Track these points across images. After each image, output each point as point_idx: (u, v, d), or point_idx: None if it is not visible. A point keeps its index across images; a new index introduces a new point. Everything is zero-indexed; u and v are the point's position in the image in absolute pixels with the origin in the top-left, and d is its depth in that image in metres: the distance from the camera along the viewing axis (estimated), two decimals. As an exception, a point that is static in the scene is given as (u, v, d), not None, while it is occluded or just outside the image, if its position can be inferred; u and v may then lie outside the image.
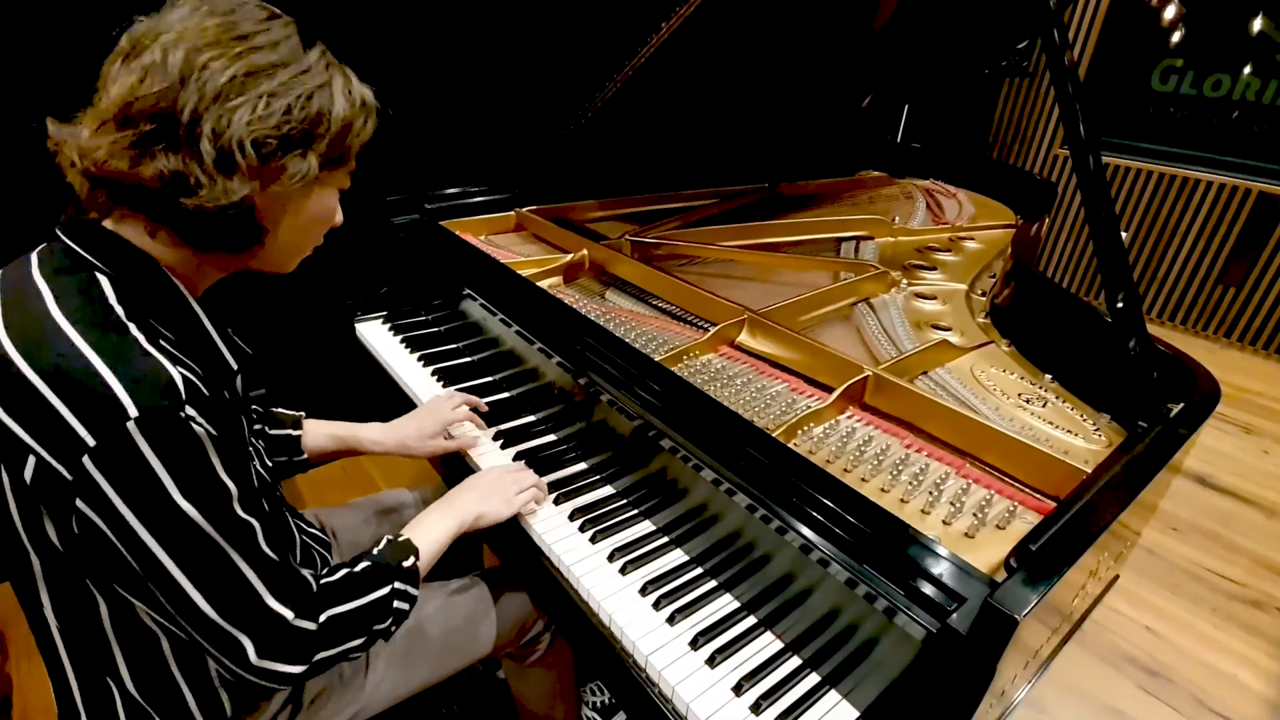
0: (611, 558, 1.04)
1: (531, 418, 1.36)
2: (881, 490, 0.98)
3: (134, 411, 0.63)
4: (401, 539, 0.93)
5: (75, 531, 0.67)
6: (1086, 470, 0.93)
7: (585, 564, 1.03)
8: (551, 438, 1.31)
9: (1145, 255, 3.54)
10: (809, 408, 1.11)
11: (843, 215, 2.02)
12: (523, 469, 1.15)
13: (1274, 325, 3.23)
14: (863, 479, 1.00)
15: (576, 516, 1.11)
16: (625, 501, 1.15)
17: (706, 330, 1.32)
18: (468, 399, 1.30)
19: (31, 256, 0.74)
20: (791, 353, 1.26)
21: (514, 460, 1.24)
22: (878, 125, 3.06)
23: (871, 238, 1.88)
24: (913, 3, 1.74)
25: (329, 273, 1.01)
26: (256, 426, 1.06)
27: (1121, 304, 1.06)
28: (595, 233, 1.72)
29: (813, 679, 0.88)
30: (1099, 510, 0.84)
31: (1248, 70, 3.11)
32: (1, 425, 0.65)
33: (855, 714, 0.85)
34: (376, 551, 0.90)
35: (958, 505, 0.94)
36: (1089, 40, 3.44)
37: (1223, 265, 3.32)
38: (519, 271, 1.46)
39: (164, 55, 0.65)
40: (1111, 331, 1.08)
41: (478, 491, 1.06)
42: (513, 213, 1.85)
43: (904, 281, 1.61)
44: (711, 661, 0.89)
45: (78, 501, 0.64)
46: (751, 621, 0.95)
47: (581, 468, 1.23)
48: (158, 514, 0.66)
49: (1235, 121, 3.21)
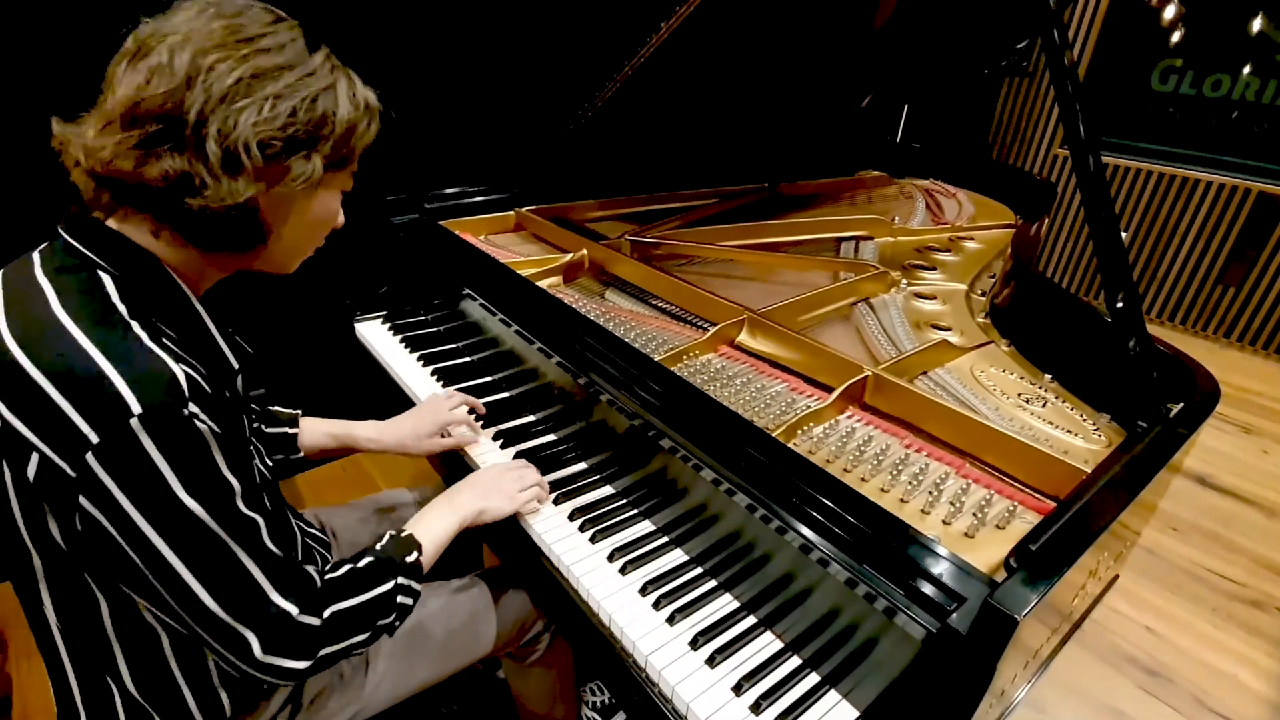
0: (611, 557, 1.04)
1: (531, 417, 1.36)
2: (881, 490, 0.98)
3: (137, 408, 0.63)
4: (404, 534, 0.93)
5: (79, 529, 0.67)
6: (1086, 470, 0.93)
7: (585, 564, 1.03)
8: (551, 437, 1.31)
9: (1145, 255, 3.54)
10: (809, 407, 1.11)
11: (842, 215, 2.02)
12: (526, 466, 1.15)
13: (1274, 325, 3.23)
14: (862, 479, 1.00)
15: (576, 516, 1.11)
16: (625, 501, 1.15)
17: (706, 330, 1.32)
18: (465, 399, 1.30)
19: (33, 255, 0.74)
20: (791, 352, 1.26)
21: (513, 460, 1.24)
22: (877, 125, 3.06)
23: (871, 238, 1.88)
24: (913, 3, 1.74)
25: (328, 272, 1.01)
26: (254, 425, 1.06)
27: (1121, 304, 1.06)
28: (595, 232, 1.72)
29: (812, 679, 0.88)
30: (1099, 510, 0.84)
31: (1247, 70, 3.11)
32: (5, 423, 0.65)
33: (855, 714, 0.85)
34: (380, 547, 0.90)
35: (957, 505, 0.94)
36: (1089, 40, 3.44)
37: (1222, 265, 3.32)
38: (518, 271, 1.46)
39: (170, 56, 0.65)
40: (1111, 331, 1.08)
41: (480, 488, 1.06)
42: (512, 212, 1.85)
43: (904, 281, 1.61)
44: (711, 661, 0.89)
45: (81, 499, 0.64)
46: (751, 621, 0.95)
47: (581, 467, 1.23)
48: (162, 510, 0.66)
49: (1235, 121, 3.20)
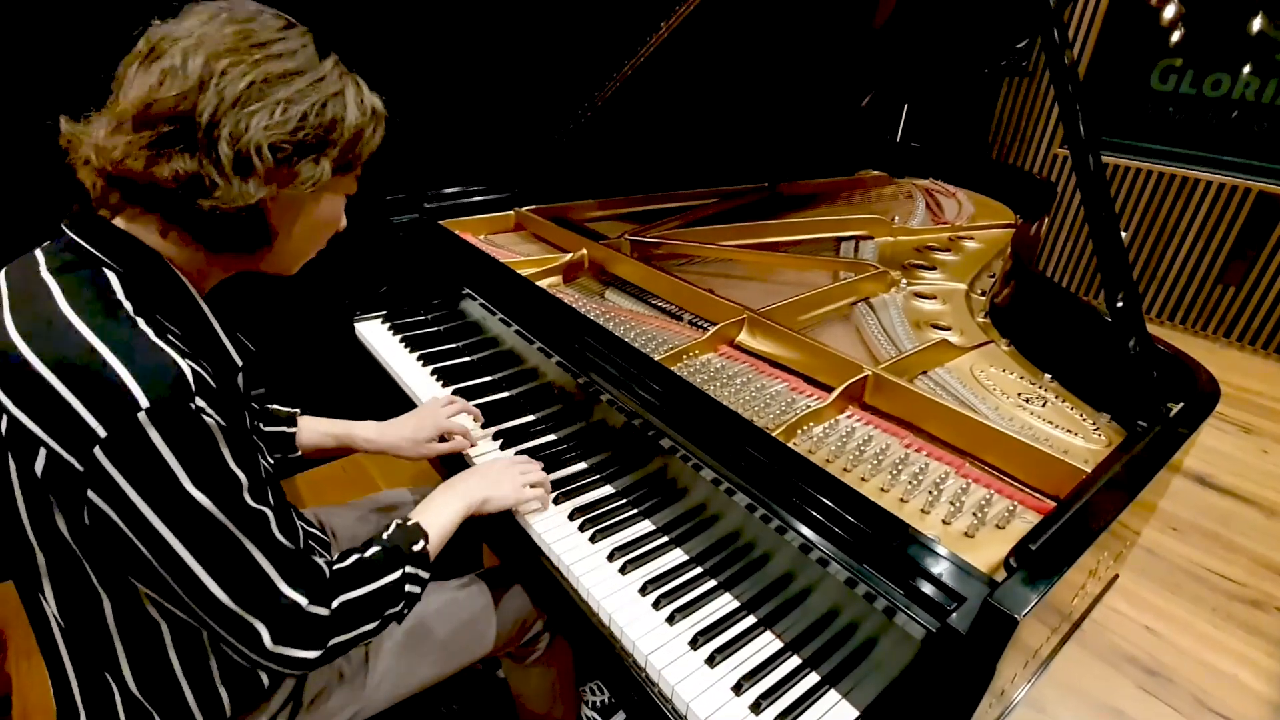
0: (611, 557, 1.04)
1: (531, 417, 1.36)
2: (881, 490, 0.98)
3: (145, 403, 0.64)
4: (411, 523, 0.94)
5: (86, 523, 0.67)
6: (1086, 470, 0.93)
7: (585, 563, 1.03)
8: (551, 437, 1.31)
9: (1145, 255, 3.54)
10: (809, 407, 1.11)
11: (842, 215, 2.02)
12: (530, 461, 1.15)
13: (1273, 325, 3.23)
14: (862, 478, 1.00)
15: (576, 516, 1.11)
16: (625, 501, 1.15)
17: (706, 330, 1.32)
18: (463, 405, 1.29)
19: (37, 253, 0.75)
20: (791, 352, 1.26)
21: (513, 460, 1.24)
22: (877, 125, 3.06)
23: (871, 237, 1.88)
24: (912, 2, 1.74)
25: (328, 272, 1.01)
26: (253, 423, 1.07)
27: (1121, 303, 1.06)
28: (595, 232, 1.72)
29: (812, 678, 0.88)
30: (1099, 510, 0.84)
31: (1247, 70, 3.11)
32: (12, 418, 0.65)
33: (855, 713, 0.85)
34: (386, 536, 0.90)
35: (957, 505, 0.94)
36: (1089, 39, 3.44)
37: (1222, 265, 3.32)
38: (518, 271, 1.46)
39: (184, 59, 0.66)
40: (1111, 331, 1.08)
41: (485, 476, 1.07)
42: (512, 212, 1.85)
43: (903, 281, 1.61)
44: (711, 661, 0.89)
45: (89, 493, 0.65)
46: (751, 621, 0.95)
47: (581, 467, 1.23)
48: (170, 503, 0.66)
49: (1235, 121, 3.20)
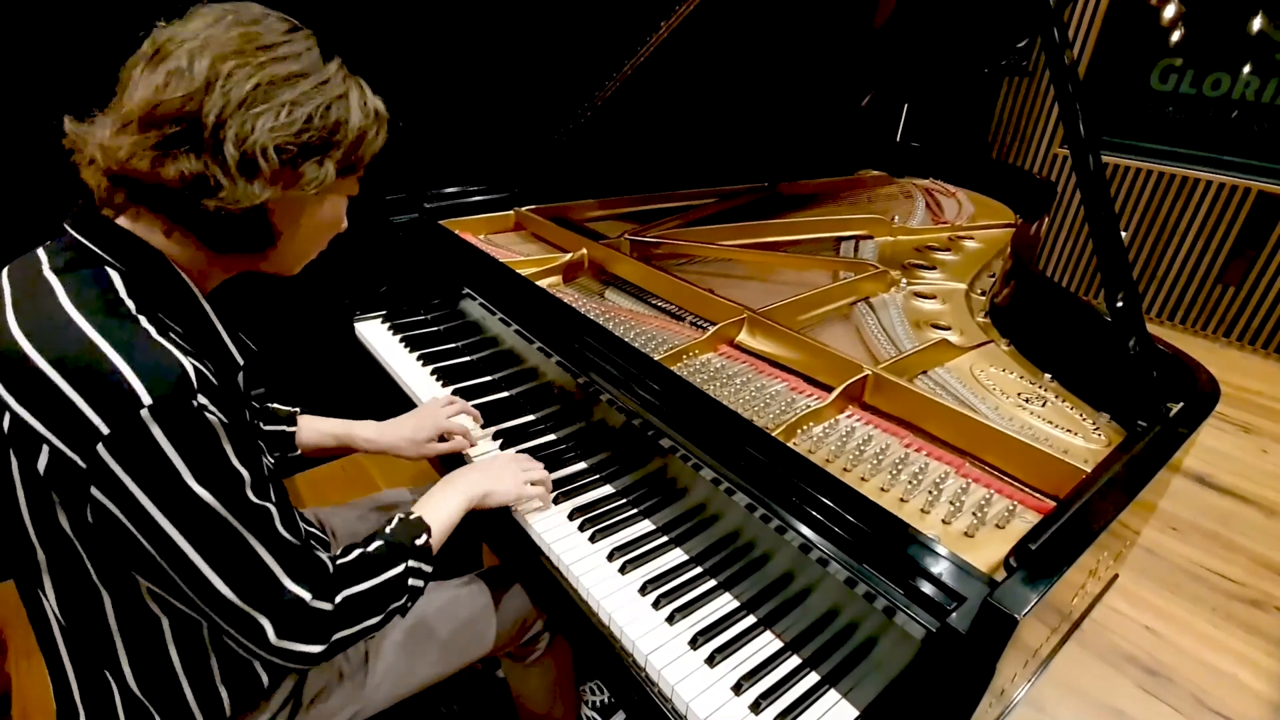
0: (611, 557, 1.04)
1: (531, 417, 1.36)
2: (881, 489, 0.98)
3: (148, 400, 0.64)
4: (413, 517, 0.94)
5: (90, 521, 0.68)
6: (1086, 469, 0.93)
7: (585, 563, 1.03)
8: (551, 437, 1.31)
9: (1145, 255, 3.54)
10: (808, 407, 1.11)
11: (842, 214, 2.02)
12: (531, 459, 1.15)
13: (1273, 324, 3.23)
14: (862, 478, 1.00)
15: (576, 516, 1.11)
16: (625, 501, 1.15)
17: (706, 329, 1.32)
18: (463, 406, 1.29)
19: (39, 252, 0.75)
20: (791, 352, 1.26)
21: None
22: (877, 124, 3.06)
23: (871, 237, 1.88)
24: (912, 2, 1.74)
25: (328, 272, 1.01)
26: (253, 422, 1.07)
27: (1121, 303, 1.06)
28: (594, 232, 1.72)
29: (812, 678, 0.88)
30: (1098, 509, 0.84)
31: (1247, 69, 3.11)
32: (15, 416, 0.66)
33: (855, 713, 0.85)
34: (389, 530, 0.91)
35: (957, 504, 0.94)
36: (1088, 39, 3.44)
37: (1222, 264, 3.32)
38: (518, 271, 1.46)
39: (190, 61, 0.67)
40: (1111, 331, 1.08)
41: (488, 471, 1.07)
42: (512, 212, 1.85)
43: (903, 281, 1.61)
44: (711, 661, 0.89)
45: (93, 489, 0.65)
46: (751, 621, 0.95)
47: (581, 467, 1.23)
48: (174, 500, 0.67)
49: (1235, 121, 3.20)
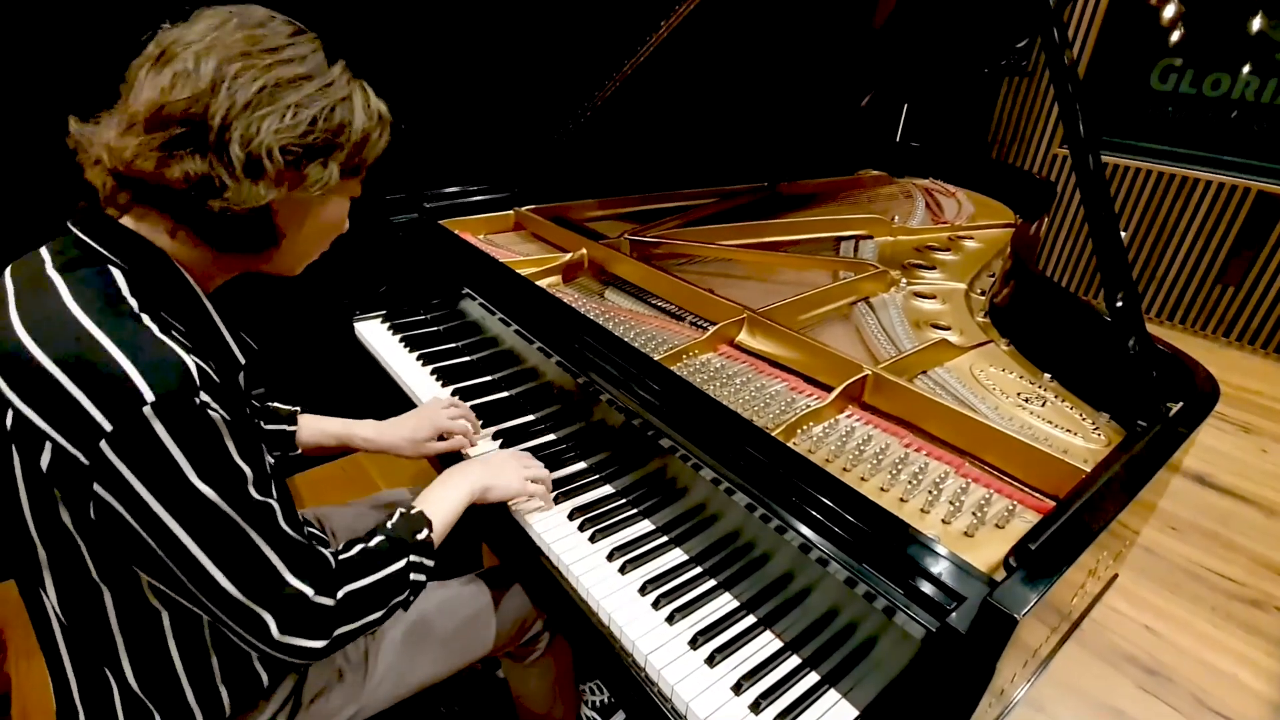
0: (611, 557, 1.04)
1: (530, 417, 1.36)
2: (881, 489, 0.98)
3: (150, 396, 0.64)
4: (415, 511, 0.94)
5: (92, 517, 0.68)
6: (1086, 469, 0.93)
7: (584, 563, 1.03)
8: (551, 437, 1.31)
9: (1144, 254, 3.54)
10: (808, 407, 1.11)
11: (842, 214, 2.02)
12: (532, 457, 1.16)
13: (1273, 324, 3.23)
14: (862, 478, 1.00)
15: (576, 516, 1.11)
16: (624, 501, 1.15)
17: (706, 329, 1.32)
18: (464, 411, 1.29)
19: (42, 251, 0.75)
20: (791, 352, 1.26)
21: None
22: (877, 124, 3.06)
23: (871, 237, 1.88)
24: (912, 2, 1.74)
25: (328, 272, 1.01)
26: (254, 421, 1.07)
27: (1121, 303, 1.06)
28: (594, 232, 1.72)
29: (812, 678, 0.88)
30: (1098, 509, 0.84)
31: (1247, 69, 3.11)
32: (18, 413, 0.66)
33: (854, 713, 0.85)
34: (391, 525, 0.91)
35: (957, 504, 0.94)
36: (1088, 39, 3.44)
37: (1222, 264, 3.32)
38: (518, 271, 1.46)
39: (196, 63, 0.67)
40: (1111, 331, 1.08)
41: (489, 465, 1.08)
42: (512, 212, 1.85)
43: (903, 280, 1.61)
44: (711, 660, 0.89)
45: (96, 486, 0.65)
46: (751, 620, 0.95)
47: (581, 467, 1.23)
48: (177, 496, 0.67)
49: (1234, 120, 3.20)
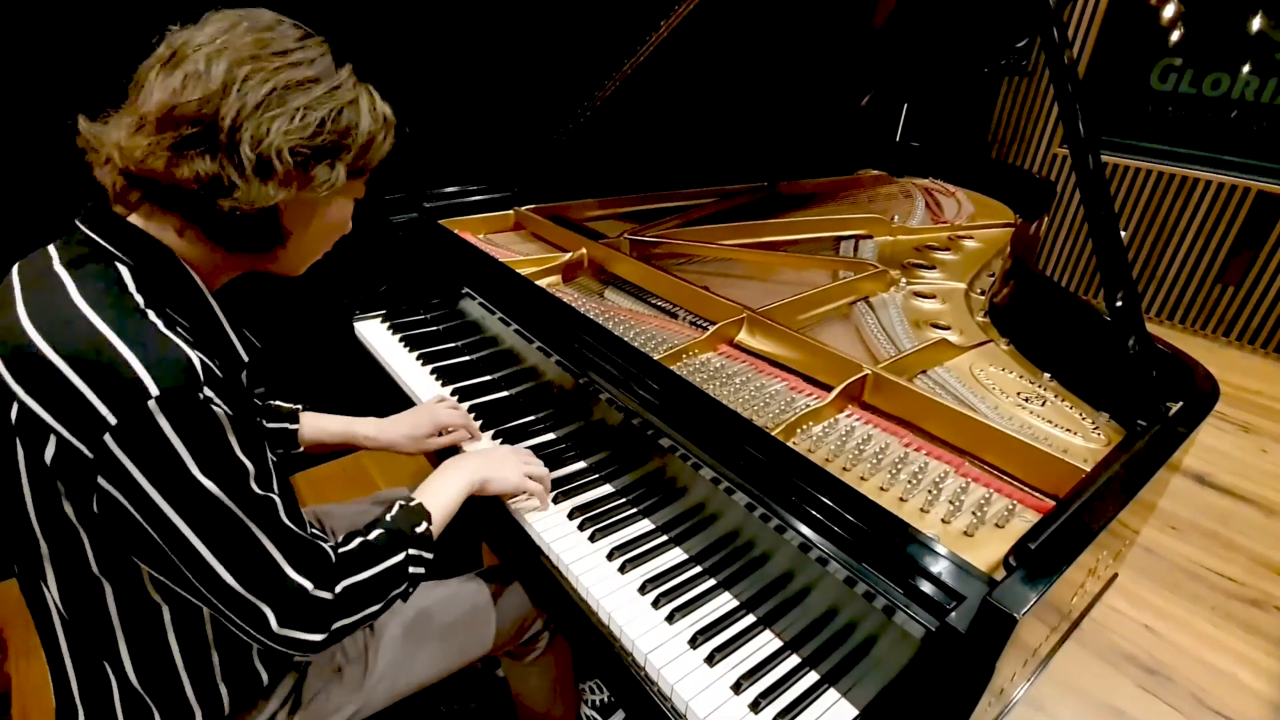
0: (610, 556, 1.04)
1: (530, 417, 1.36)
2: (880, 489, 0.98)
3: (155, 391, 0.65)
4: (414, 503, 0.95)
5: (95, 510, 0.68)
6: (1085, 469, 0.93)
7: (584, 562, 1.03)
8: (550, 436, 1.31)
9: (1144, 254, 3.54)
10: (808, 406, 1.12)
11: (842, 214, 2.02)
12: (532, 455, 1.16)
13: (1273, 324, 3.23)
14: (861, 477, 1.00)
15: (575, 515, 1.11)
16: (624, 500, 1.15)
17: (705, 329, 1.32)
18: (465, 418, 1.29)
19: (50, 248, 0.77)
20: (790, 351, 1.26)
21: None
22: (877, 124, 3.06)
23: (870, 236, 1.88)
24: (912, 2, 1.74)
25: (328, 272, 1.02)
26: (257, 419, 1.07)
27: (1120, 303, 1.06)
28: (594, 231, 1.72)
29: (811, 677, 0.88)
30: (1098, 509, 0.84)
31: (1246, 69, 3.11)
32: (23, 406, 0.66)
33: (854, 712, 0.85)
34: (390, 517, 0.91)
35: (957, 504, 0.94)
36: (1088, 39, 3.44)
37: (1221, 264, 3.32)
38: (518, 270, 1.46)
39: (207, 65, 0.69)
40: (1110, 330, 1.08)
41: (489, 458, 1.08)
42: (511, 211, 1.85)
43: (903, 280, 1.61)
44: (710, 660, 0.89)
45: (99, 479, 0.66)
46: (750, 620, 0.95)
47: (580, 466, 1.23)
48: (179, 489, 0.67)
49: (1234, 120, 3.21)
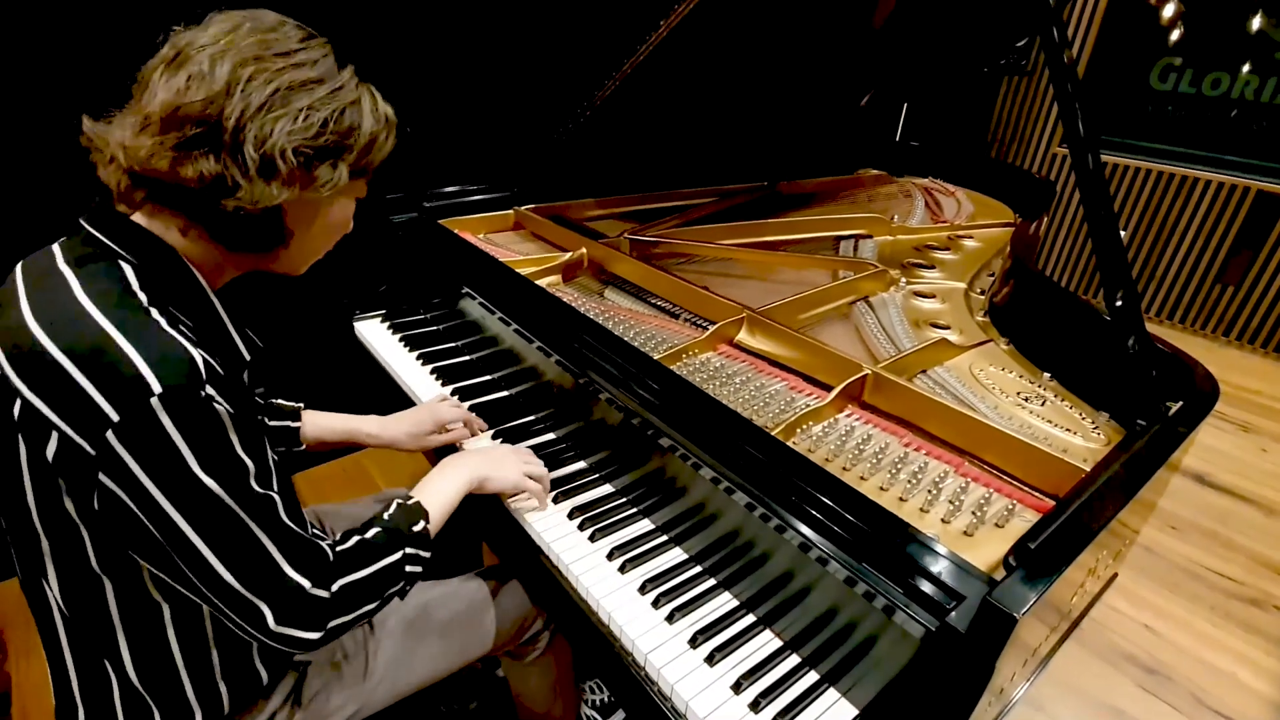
0: (610, 556, 1.04)
1: (530, 416, 1.36)
2: (880, 489, 0.98)
3: (157, 388, 0.65)
4: (411, 502, 0.95)
5: (96, 507, 0.69)
6: (1085, 468, 0.93)
7: (584, 562, 1.03)
8: (550, 436, 1.31)
9: (1144, 254, 3.54)
10: (808, 406, 1.12)
11: (841, 213, 2.02)
12: (532, 454, 1.16)
13: (1272, 323, 3.23)
14: (861, 477, 1.00)
15: (575, 515, 1.11)
16: (624, 500, 1.15)
17: (705, 329, 1.32)
18: (467, 415, 1.29)
19: (54, 247, 0.77)
20: (790, 351, 1.26)
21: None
22: (876, 123, 3.06)
23: (870, 236, 1.88)
24: (912, 2, 1.74)
25: (328, 272, 1.02)
26: (259, 418, 1.07)
27: (1120, 302, 1.06)
28: (594, 231, 1.72)
29: (811, 677, 0.88)
30: (1098, 508, 0.84)
31: (1246, 68, 3.12)
32: (25, 402, 0.67)
33: (854, 712, 0.85)
34: (388, 516, 0.91)
35: (956, 503, 0.94)
36: (1088, 38, 3.44)
37: (1221, 263, 3.32)
38: (518, 270, 1.46)
39: (211, 65, 0.69)
40: (1110, 330, 1.08)
41: (489, 456, 1.08)
42: (511, 211, 1.85)
43: (903, 280, 1.61)
44: (710, 659, 0.89)
45: (101, 476, 0.66)
46: (750, 619, 0.95)
47: (580, 466, 1.23)
48: (180, 487, 0.68)
49: (1234, 120, 3.21)
